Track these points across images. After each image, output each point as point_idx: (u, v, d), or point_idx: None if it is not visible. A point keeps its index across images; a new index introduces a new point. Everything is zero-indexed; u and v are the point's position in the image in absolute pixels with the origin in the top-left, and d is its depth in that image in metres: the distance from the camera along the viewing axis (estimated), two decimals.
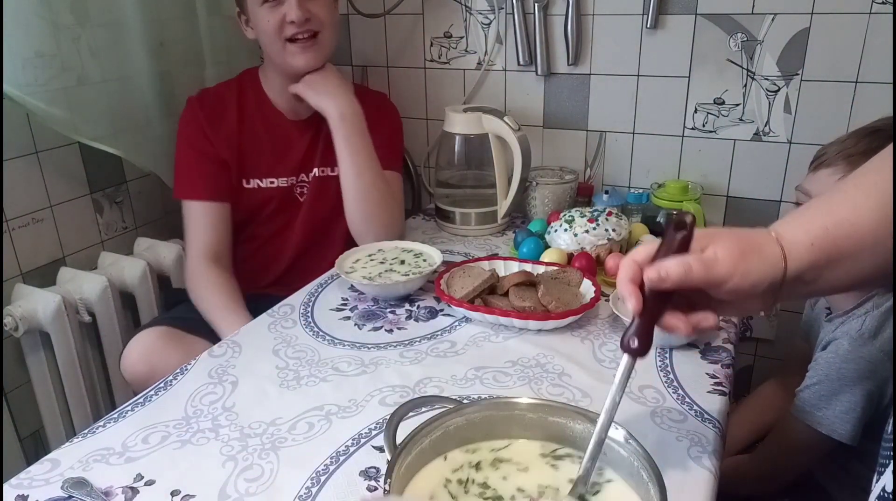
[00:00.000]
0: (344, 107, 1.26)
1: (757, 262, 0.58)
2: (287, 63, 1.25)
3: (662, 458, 0.57)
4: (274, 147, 1.33)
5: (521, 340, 0.98)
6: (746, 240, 0.59)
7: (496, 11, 1.50)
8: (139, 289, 1.43)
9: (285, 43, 1.23)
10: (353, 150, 1.27)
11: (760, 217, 1.42)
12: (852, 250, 0.57)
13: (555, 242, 1.22)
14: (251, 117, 1.32)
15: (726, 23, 1.33)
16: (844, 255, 0.57)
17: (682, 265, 0.58)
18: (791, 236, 0.58)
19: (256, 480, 0.71)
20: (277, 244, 1.39)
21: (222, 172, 1.30)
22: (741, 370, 1.55)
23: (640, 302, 0.60)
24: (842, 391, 0.93)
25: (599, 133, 1.51)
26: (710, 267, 0.57)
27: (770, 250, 0.58)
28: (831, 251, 0.57)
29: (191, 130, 1.30)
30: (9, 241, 1.29)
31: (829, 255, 0.57)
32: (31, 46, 1.22)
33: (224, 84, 1.36)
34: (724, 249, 0.58)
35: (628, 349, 0.60)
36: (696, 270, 0.57)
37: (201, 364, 0.94)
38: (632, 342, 0.59)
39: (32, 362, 1.33)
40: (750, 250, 0.58)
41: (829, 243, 0.57)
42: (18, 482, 0.71)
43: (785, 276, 0.58)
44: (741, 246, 0.58)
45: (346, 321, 1.06)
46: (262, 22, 1.21)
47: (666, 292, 0.59)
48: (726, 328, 0.99)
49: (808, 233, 0.58)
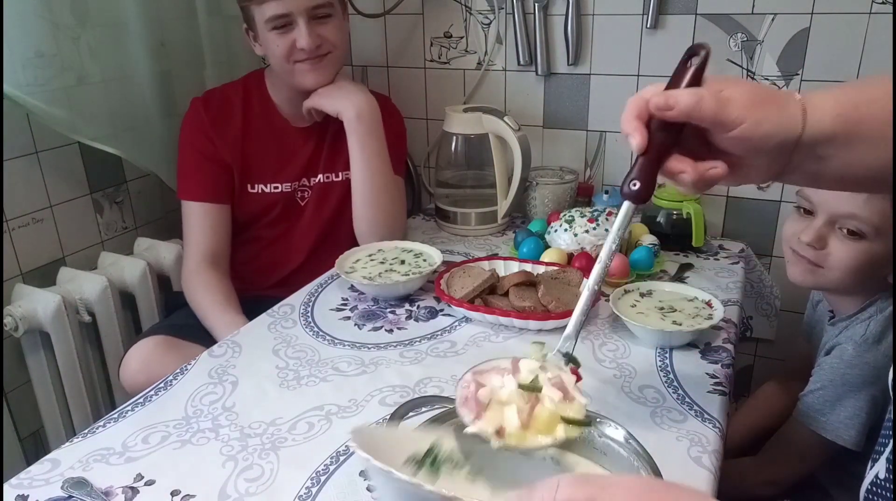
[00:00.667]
0: (361, 105, 1.25)
1: (773, 113, 0.54)
2: (297, 82, 1.25)
3: (662, 458, 0.57)
4: (279, 153, 1.33)
5: (521, 340, 0.98)
6: (767, 91, 0.56)
7: (496, 11, 1.50)
8: (139, 289, 1.43)
9: (294, 64, 1.22)
10: (368, 152, 1.27)
11: (760, 217, 1.42)
12: (873, 134, 0.54)
13: (555, 242, 1.22)
14: (256, 122, 1.32)
15: (726, 23, 1.33)
16: (864, 136, 0.54)
17: (693, 94, 0.54)
18: (818, 101, 0.55)
19: (256, 480, 0.71)
20: (282, 247, 1.39)
21: (224, 174, 1.30)
22: (741, 370, 1.55)
23: (644, 137, 0.55)
24: (846, 396, 0.93)
25: (599, 133, 1.51)
26: (723, 104, 0.54)
27: (790, 106, 0.55)
28: (854, 128, 0.54)
29: (194, 132, 1.30)
30: (9, 241, 1.29)
31: (850, 131, 0.54)
32: (31, 46, 1.22)
33: (230, 85, 1.35)
34: (740, 93, 0.54)
35: (628, 193, 0.55)
36: (707, 102, 0.53)
37: (201, 364, 0.94)
38: (632, 185, 0.55)
39: (32, 362, 1.33)
40: (769, 99, 0.55)
41: (856, 119, 0.54)
42: (18, 482, 0.71)
43: (801, 138, 0.54)
44: (760, 94, 0.55)
45: (346, 320, 1.06)
46: (272, 46, 1.21)
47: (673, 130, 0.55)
48: (726, 327, 0.99)
49: (838, 103, 0.55)
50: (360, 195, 1.29)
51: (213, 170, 1.29)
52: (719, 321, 0.96)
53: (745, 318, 1.40)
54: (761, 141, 0.54)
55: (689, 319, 0.96)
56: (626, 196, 0.56)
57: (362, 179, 1.28)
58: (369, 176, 1.28)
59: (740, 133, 0.54)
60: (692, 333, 0.93)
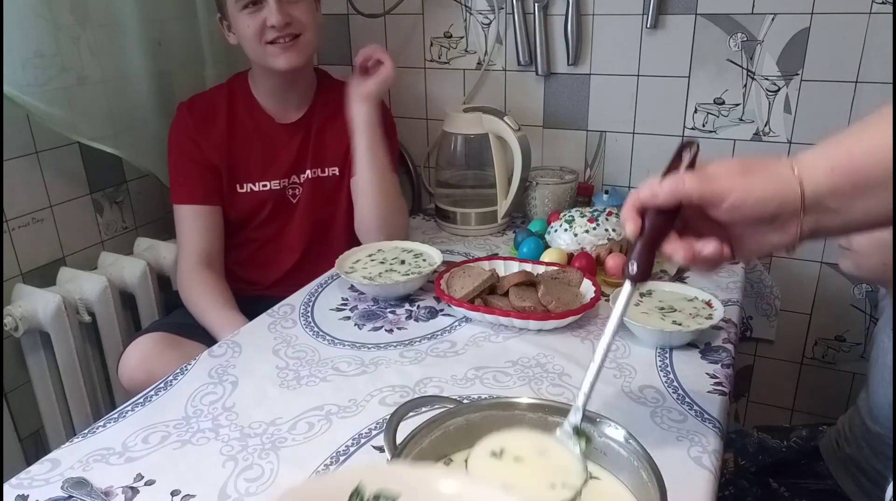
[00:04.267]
0: (364, 111, 1.28)
1: (761, 178, 0.55)
2: (268, 64, 1.25)
3: (662, 458, 0.57)
4: (265, 150, 1.34)
5: (521, 340, 0.98)
6: (752, 161, 0.56)
7: (496, 11, 1.50)
8: (139, 289, 1.43)
9: (266, 45, 1.22)
10: (370, 153, 1.29)
11: None
12: (885, 178, 0.52)
13: (555, 242, 1.22)
14: (241, 122, 1.33)
15: (726, 23, 1.33)
16: (876, 183, 0.52)
17: (675, 179, 0.56)
18: (807, 161, 0.55)
19: (256, 480, 0.71)
20: (276, 246, 1.39)
21: (212, 176, 1.31)
22: (741, 370, 1.55)
23: (637, 225, 0.59)
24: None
25: (599, 133, 1.51)
26: (707, 181, 0.55)
27: (779, 170, 0.55)
28: (858, 178, 0.53)
29: (180, 136, 1.31)
30: (9, 241, 1.29)
31: (855, 181, 0.53)
32: (31, 46, 1.21)
33: (215, 89, 1.36)
34: (726, 167, 0.56)
35: (627, 275, 0.59)
36: (689, 182, 0.55)
37: (201, 364, 0.94)
38: (630, 268, 0.59)
39: (32, 362, 1.33)
40: (755, 167, 0.55)
41: (855, 168, 0.53)
42: (18, 482, 0.71)
43: (804, 200, 0.54)
44: (745, 164, 0.56)
45: (346, 320, 1.06)
46: (243, 27, 1.22)
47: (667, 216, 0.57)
48: (726, 327, 0.99)
49: (829, 158, 0.54)
50: (369, 198, 1.30)
51: (201, 173, 1.30)
52: (719, 321, 0.96)
53: (745, 318, 1.40)
54: (757, 206, 0.55)
55: (690, 319, 0.96)
56: (626, 277, 0.59)
57: (370, 180, 1.30)
58: (380, 176, 1.30)
59: (732, 203, 0.55)
60: (692, 333, 0.93)
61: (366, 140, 1.28)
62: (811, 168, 0.54)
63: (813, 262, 1.42)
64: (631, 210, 0.59)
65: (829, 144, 0.55)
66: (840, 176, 0.53)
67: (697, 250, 0.58)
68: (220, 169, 1.31)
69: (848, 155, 0.53)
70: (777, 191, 0.54)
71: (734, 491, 1.04)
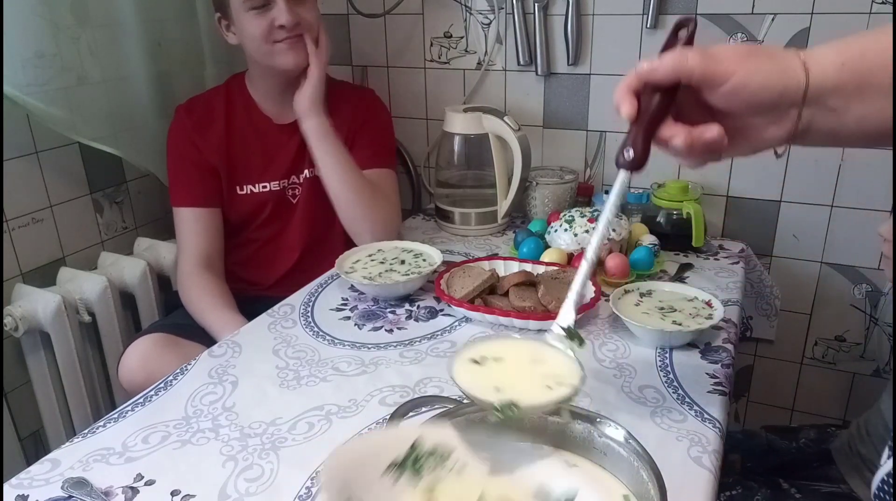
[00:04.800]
0: (312, 125, 1.25)
1: (766, 63, 0.53)
2: (275, 63, 1.24)
3: (662, 458, 0.57)
4: (264, 152, 1.33)
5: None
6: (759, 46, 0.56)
7: (496, 11, 1.50)
8: (139, 289, 1.43)
9: (274, 44, 1.22)
10: (332, 160, 1.26)
11: (760, 217, 1.42)
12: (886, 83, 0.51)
13: (555, 242, 1.22)
14: (239, 123, 1.32)
15: (726, 23, 1.33)
16: (878, 85, 0.51)
17: (678, 53, 0.53)
18: (819, 53, 0.53)
19: (256, 480, 0.71)
20: (276, 247, 1.39)
21: (211, 178, 1.31)
22: (741, 370, 1.55)
23: (632, 105, 0.55)
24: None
25: (599, 133, 1.51)
26: (711, 60, 0.53)
27: (786, 58, 0.53)
28: (864, 77, 0.52)
29: (178, 138, 1.31)
30: (9, 241, 1.29)
31: (860, 81, 0.52)
32: (31, 46, 1.21)
33: (213, 90, 1.36)
34: (731, 49, 0.54)
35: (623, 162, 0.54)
36: (693, 58, 0.53)
37: (201, 364, 0.94)
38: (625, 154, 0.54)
39: (32, 362, 1.33)
40: (761, 53, 0.54)
41: (865, 67, 0.52)
42: (18, 482, 0.71)
43: (807, 90, 0.52)
44: (752, 49, 0.54)
45: (346, 320, 1.06)
46: (250, 27, 1.21)
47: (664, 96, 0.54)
48: (726, 327, 0.99)
49: (842, 53, 0.53)
50: (339, 200, 1.28)
51: (200, 175, 1.30)
52: (719, 321, 0.96)
53: (745, 318, 1.41)
54: (758, 92, 0.53)
55: (689, 319, 0.96)
56: (621, 165, 0.55)
57: (335, 185, 1.27)
58: (349, 183, 1.27)
59: (733, 86, 0.53)
60: (692, 333, 0.93)
61: (322, 150, 1.26)
62: (821, 60, 0.53)
63: (813, 262, 1.42)
64: (626, 90, 0.56)
65: (842, 42, 0.54)
66: (848, 73, 0.52)
67: (697, 134, 0.55)
68: (219, 171, 1.31)
69: (860, 53, 0.52)
70: (781, 78, 0.52)
71: (742, 491, 1.04)
